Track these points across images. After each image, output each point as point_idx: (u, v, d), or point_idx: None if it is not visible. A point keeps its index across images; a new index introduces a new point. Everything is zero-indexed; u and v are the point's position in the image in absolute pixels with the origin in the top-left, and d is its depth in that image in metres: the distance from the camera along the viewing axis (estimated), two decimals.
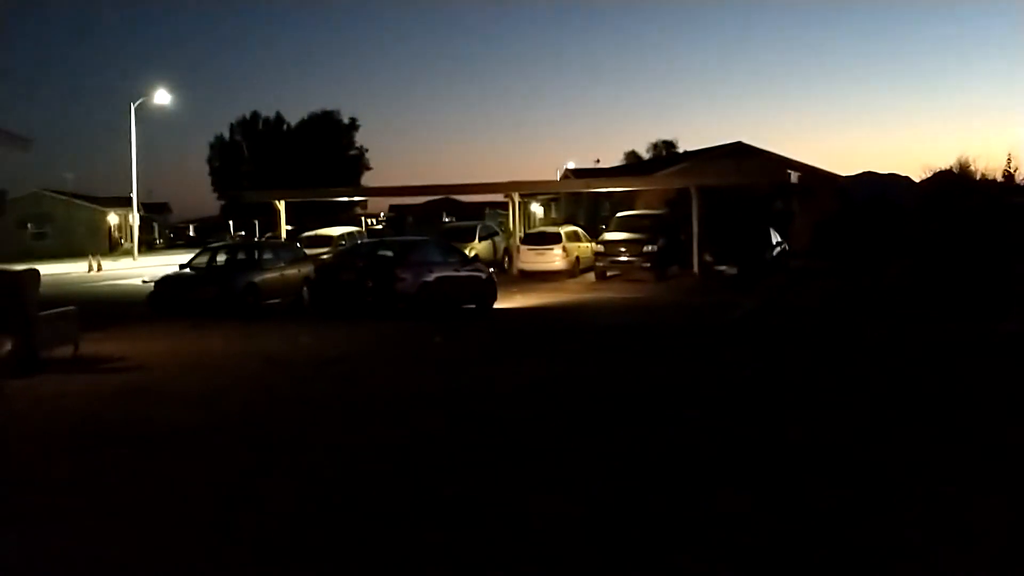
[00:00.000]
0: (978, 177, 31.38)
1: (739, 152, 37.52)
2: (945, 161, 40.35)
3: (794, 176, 32.99)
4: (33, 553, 5.25)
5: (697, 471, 6.71)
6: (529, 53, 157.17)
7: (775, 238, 27.58)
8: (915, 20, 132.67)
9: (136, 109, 52.10)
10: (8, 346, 10.56)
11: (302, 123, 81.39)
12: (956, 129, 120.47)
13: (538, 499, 6.11)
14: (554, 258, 28.66)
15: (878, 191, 32.70)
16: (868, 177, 35.94)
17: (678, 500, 6.03)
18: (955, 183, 29.87)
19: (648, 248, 26.88)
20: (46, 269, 13.88)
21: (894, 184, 34.29)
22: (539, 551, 5.14)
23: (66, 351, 12.48)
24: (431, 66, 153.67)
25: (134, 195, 53.84)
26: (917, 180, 34.17)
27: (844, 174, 37.81)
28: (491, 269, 21.73)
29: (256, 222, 67.90)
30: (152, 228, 78.58)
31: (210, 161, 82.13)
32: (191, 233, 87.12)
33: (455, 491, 6.29)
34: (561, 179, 50.95)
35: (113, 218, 69.14)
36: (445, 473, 6.78)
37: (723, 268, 25.78)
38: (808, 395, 9.62)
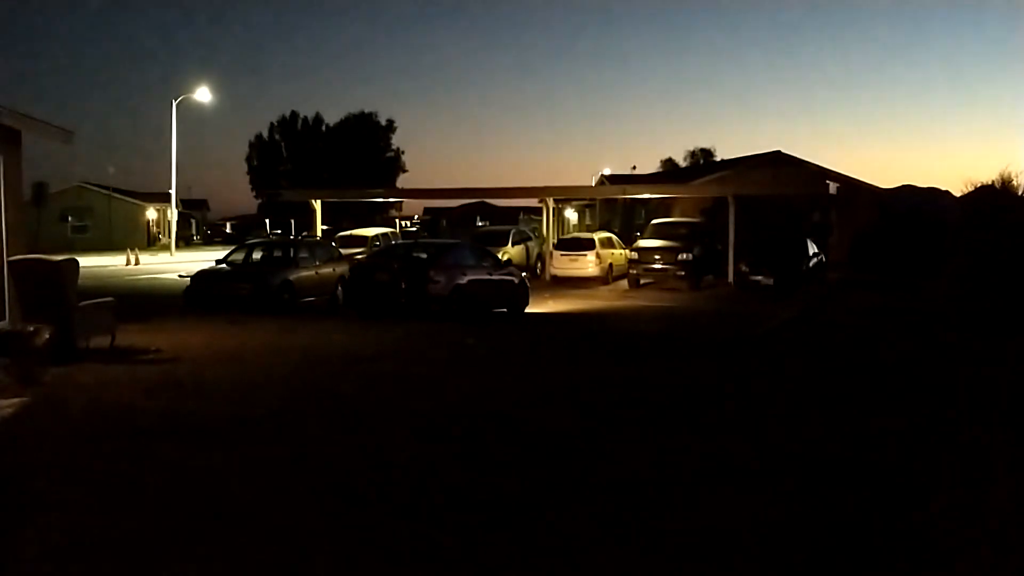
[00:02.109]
0: (1021, 192, 30.79)
1: (777, 161, 37.23)
2: (987, 176, 39.71)
3: (832, 187, 32.68)
4: (70, 541, 5.30)
5: (713, 476, 6.65)
6: (567, 59, 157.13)
7: (812, 249, 27.33)
8: (957, 34, 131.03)
9: (177, 106, 52.77)
10: (47, 334, 10.67)
11: (340, 124, 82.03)
12: (998, 143, 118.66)
13: (551, 502, 6.08)
14: (587, 264, 28.55)
15: (917, 205, 32.32)
16: (907, 190, 35.54)
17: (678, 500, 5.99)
18: (997, 197, 29.35)
19: (683, 256, 26.68)
20: (85, 261, 14.07)
21: (933, 198, 33.86)
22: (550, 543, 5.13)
23: (103, 341, 12.62)
24: (469, 70, 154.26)
25: (173, 191, 54.50)
26: (957, 195, 33.68)
27: (883, 187, 37.44)
28: (524, 274, 21.73)
29: (293, 221, 68.49)
30: (190, 224, 79.43)
31: (249, 159, 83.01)
32: (228, 230, 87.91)
33: (475, 489, 6.28)
34: (596, 185, 50.81)
35: (152, 213, 70.01)
36: (467, 472, 6.77)
37: (759, 278, 25.57)
38: (834, 406, 9.49)
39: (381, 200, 54.63)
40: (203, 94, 52.89)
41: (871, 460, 7.22)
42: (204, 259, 30.43)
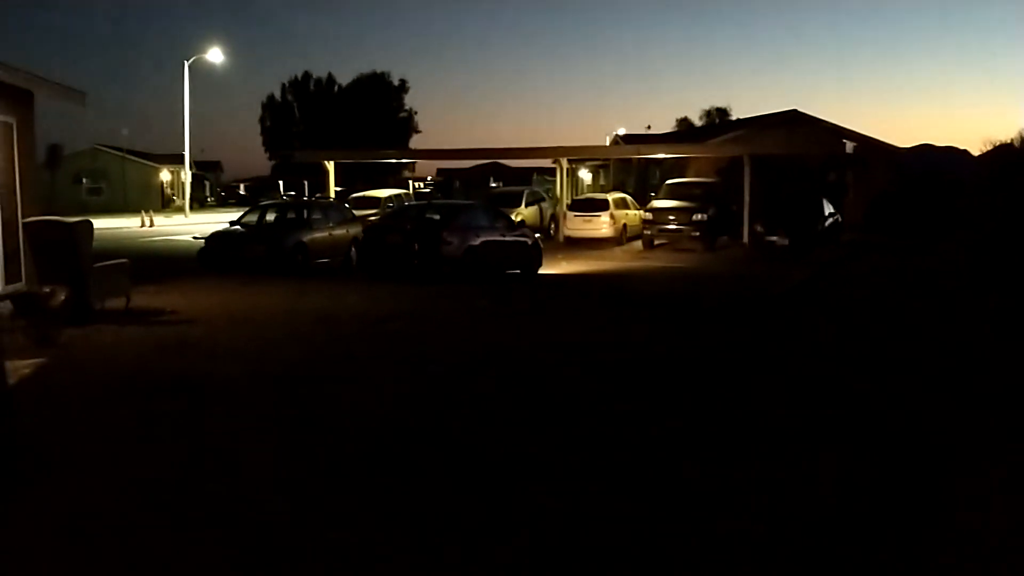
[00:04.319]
0: None
1: (793, 120, 36.76)
2: (1006, 134, 39.17)
3: (849, 146, 32.32)
4: (86, 499, 5.35)
5: (715, 439, 6.65)
6: (582, 17, 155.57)
7: (827, 209, 27.11)
8: None
9: (190, 67, 52.54)
10: (62, 296, 10.71)
11: (352, 84, 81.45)
12: (1019, 102, 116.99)
13: (562, 459, 6.09)
14: (601, 225, 28.41)
15: (935, 165, 31.96)
16: (925, 150, 35.13)
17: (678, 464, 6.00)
18: (1017, 157, 28.98)
19: (698, 217, 26.49)
20: (99, 223, 14.07)
21: (952, 158, 33.48)
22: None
23: (118, 303, 12.67)
24: (482, 30, 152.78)
25: (186, 153, 54.43)
26: (976, 154, 33.32)
27: (900, 146, 37.00)
28: (537, 235, 21.66)
29: (306, 182, 68.33)
30: (204, 186, 79.42)
31: (262, 120, 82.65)
32: (242, 192, 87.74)
33: (489, 451, 6.31)
34: (611, 145, 50.44)
35: (166, 175, 70.07)
36: (485, 432, 6.79)
37: (774, 239, 25.40)
38: (844, 370, 9.46)
39: (394, 161, 54.39)
40: (215, 55, 52.64)
41: (878, 423, 7.21)
42: (218, 221, 30.49)
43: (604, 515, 5.09)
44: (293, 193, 71.14)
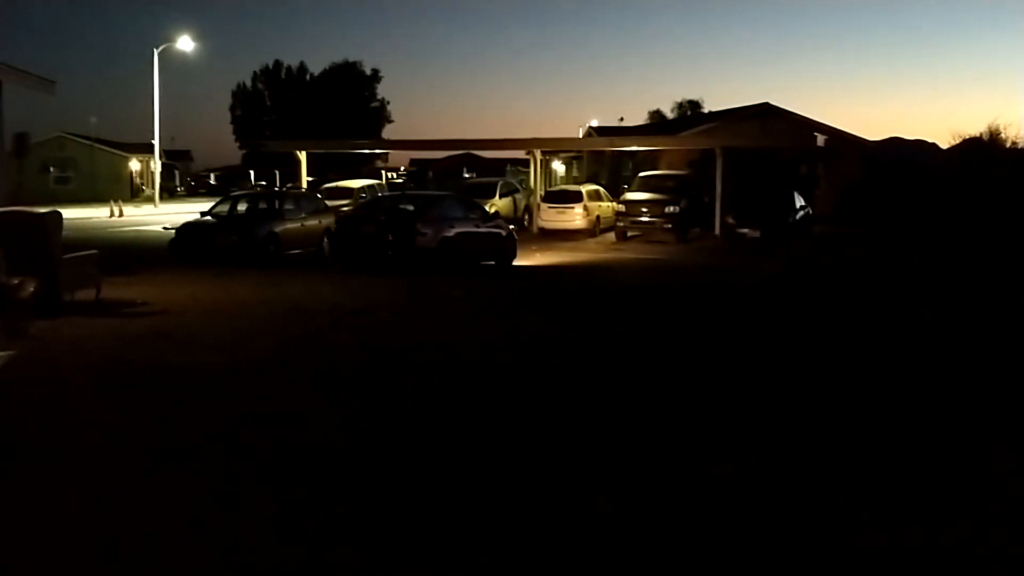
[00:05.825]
0: (1008, 145, 30.83)
1: (765, 113, 36.96)
2: (974, 128, 39.60)
3: (820, 139, 32.59)
4: (57, 494, 5.30)
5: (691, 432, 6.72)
6: (556, 8, 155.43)
7: (799, 202, 27.34)
8: None
9: (159, 55, 51.91)
10: (31, 287, 10.57)
11: (324, 73, 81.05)
12: (984, 96, 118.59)
13: (536, 452, 6.13)
14: (575, 217, 28.50)
15: (904, 157, 32.34)
16: (894, 143, 35.53)
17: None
18: (984, 150, 29.37)
19: (670, 209, 26.66)
20: (68, 213, 13.87)
21: (920, 150, 33.90)
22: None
23: (88, 294, 12.52)
24: (455, 20, 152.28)
25: (156, 142, 53.82)
26: (944, 147, 33.75)
27: (870, 139, 37.34)
28: (511, 226, 21.66)
29: (277, 172, 67.87)
30: (173, 175, 78.52)
31: (232, 110, 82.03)
32: (212, 181, 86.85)
33: (466, 442, 6.32)
34: (584, 137, 50.50)
35: (135, 164, 69.21)
36: (455, 425, 6.80)
37: (745, 231, 25.58)
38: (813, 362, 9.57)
39: (367, 151, 54.18)
40: (185, 43, 52.06)
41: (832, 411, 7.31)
42: (188, 211, 30.23)
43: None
44: (264, 183, 70.61)
